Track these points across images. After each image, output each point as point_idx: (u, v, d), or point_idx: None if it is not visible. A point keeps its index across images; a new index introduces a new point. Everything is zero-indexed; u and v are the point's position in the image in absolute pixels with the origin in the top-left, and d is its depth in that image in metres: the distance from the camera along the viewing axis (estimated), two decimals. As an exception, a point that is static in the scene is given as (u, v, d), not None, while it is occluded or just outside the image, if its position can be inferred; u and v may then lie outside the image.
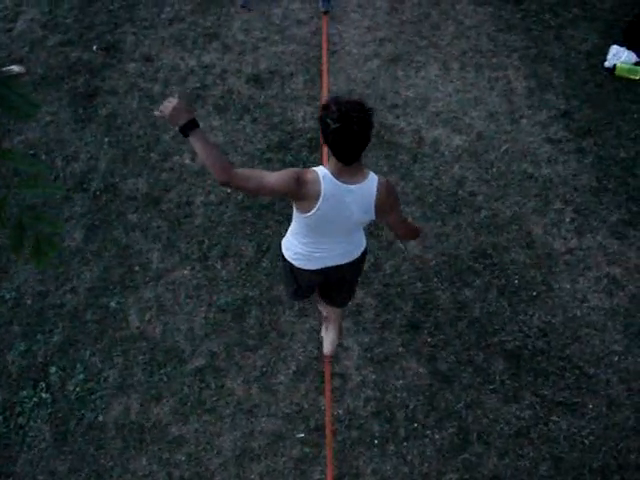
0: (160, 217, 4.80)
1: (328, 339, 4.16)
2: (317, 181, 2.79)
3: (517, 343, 4.22)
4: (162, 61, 5.69)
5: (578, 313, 4.34)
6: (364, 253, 3.35)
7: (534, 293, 4.43)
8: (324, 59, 5.55)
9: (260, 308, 4.37)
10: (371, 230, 4.67)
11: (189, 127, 2.67)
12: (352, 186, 2.83)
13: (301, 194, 2.80)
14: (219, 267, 4.56)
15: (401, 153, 5.09)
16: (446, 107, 5.35)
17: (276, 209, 4.76)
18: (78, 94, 5.47)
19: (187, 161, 5.07)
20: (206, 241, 4.68)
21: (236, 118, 5.31)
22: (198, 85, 5.50)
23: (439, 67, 5.62)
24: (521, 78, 5.55)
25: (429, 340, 4.24)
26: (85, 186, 4.94)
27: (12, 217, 1.77)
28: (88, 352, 4.21)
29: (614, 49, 5.60)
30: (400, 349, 4.21)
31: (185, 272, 4.55)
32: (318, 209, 2.84)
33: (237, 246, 4.65)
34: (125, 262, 4.59)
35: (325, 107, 2.70)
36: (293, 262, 3.27)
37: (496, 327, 4.29)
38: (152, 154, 5.12)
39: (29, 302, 4.42)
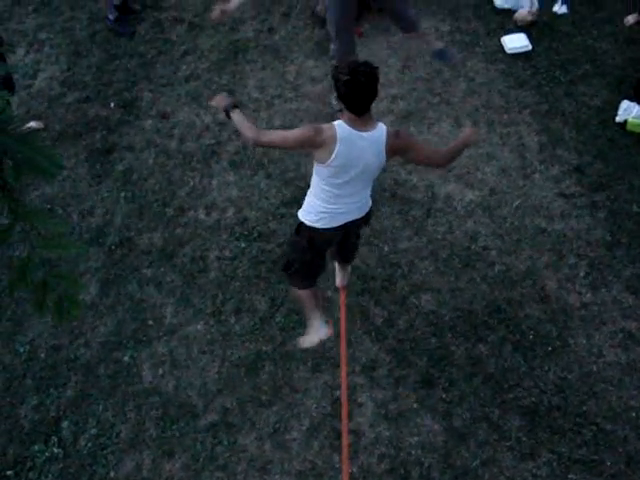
0: (174, 271, 4.83)
1: (339, 275, 4.53)
2: (333, 128, 3.25)
3: (533, 399, 4.18)
4: (178, 118, 5.78)
5: (594, 368, 4.29)
6: (371, 209, 3.79)
7: (549, 348, 4.39)
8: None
9: (273, 363, 4.35)
10: (385, 285, 4.67)
11: (230, 108, 3.45)
12: (364, 133, 3.27)
13: (320, 140, 3.24)
14: (233, 322, 4.56)
15: (414, 208, 5.11)
16: (458, 162, 5.39)
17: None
18: (95, 150, 5.56)
19: (202, 216, 5.12)
20: (220, 295, 4.69)
21: (251, 174, 5.37)
22: (213, 141, 5.58)
23: (451, 123, 5.67)
24: (533, 134, 5.59)
25: (444, 396, 4.20)
26: (100, 240, 4.99)
27: (35, 276, 1.80)
28: (101, 407, 4.20)
29: (625, 104, 5.65)
30: (415, 405, 4.17)
31: (199, 327, 4.55)
32: (337, 153, 3.24)
33: (251, 301, 4.66)
34: (139, 316, 4.60)
35: (337, 66, 3.27)
36: (316, 224, 3.62)
37: (511, 383, 4.24)
38: (167, 209, 5.17)
39: (42, 356, 4.43)
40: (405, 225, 5.03)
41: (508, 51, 6.25)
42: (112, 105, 5.90)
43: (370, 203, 3.73)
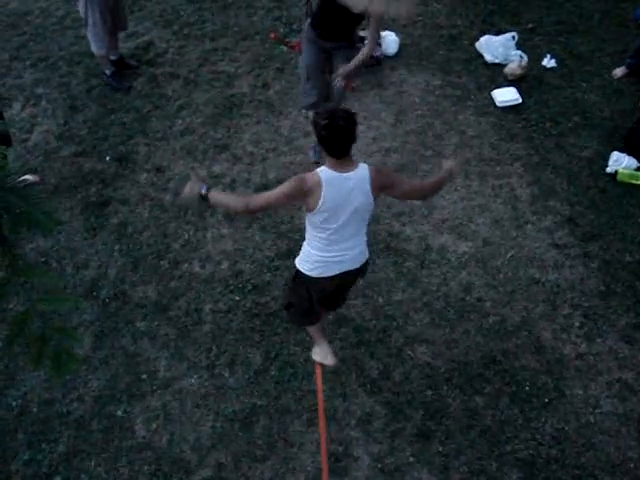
0: (168, 325, 4.81)
1: (327, 350, 4.34)
2: (316, 174, 3.36)
3: (530, 451, 4.14)
4: (173, 171, 5.82)
5: (591, 419, 4.26)
6: (367, 260, 3.83)
7: (546, 400, 4.37)
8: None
9: (268, 417, 4.31)
10: (380, 337, 4.66)
11: (205, 190, 3.44)
12: (348, 174, 3.37)
13: (307, 189, 3.33)
14: (227, 375, 4.53)
15: (408, 260, 5.13)
16: (452, 214, 5.43)
17: (284, 316, 4.77)
18: (90, 203, 5.58)
19: (196, 269, 5.12)
20: (214, 349, 4.67)
21: (245, 226, 5.39)
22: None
23: (444, 175, 5.72)
24: (525, 185, 5.65)
25: (440, 449, 4.16)
26: (94, 293, 4.98)
27: (33, 330, 1.80)
28: (93, 462, 4.14)
29: (615, 155, 5.72)
30: (411, 459, 4.12)
31: (192, 380, 4.51)
32: (324, 197, 3.33)
33: (245, 354, 4.63)
34: (132, 370, 4.56)
35: (316, 113, 3.38)
36: (311, 273, 3.68)
37: (508, 435, 4.21)
38: (162, 262, 5.17)
39: (35, 410, 4.38)
40: (399, 277, 5.04)
41: (499, 104, 6.35)
42: (108, 159, 5.95)
43: (366, 254, 3.78)
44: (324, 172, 3.36)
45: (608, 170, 5.71)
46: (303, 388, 4.43)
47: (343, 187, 3.36)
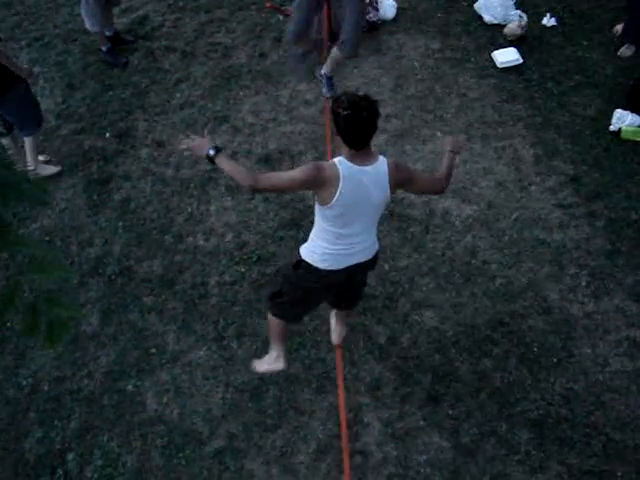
0: (175, 299, 4.82)
1: (337, 331, 4.32)
2: (334, 166, 3.15)
3: (540, 412, 4.15)
4: (173, 145, 5.79)
5: (600, 378, 4.27)
6: (378, 251, 3.61)
7: (554, 360, 4.37)
8: (327, 139, 5.63)
9: (277, 387, 4.33)
10: (386, 304, 4.66)
11: (214, 153, 3.25)
12: (366, 167, 3.18)
13: (322, 180, 3.13)
14: (235, 347, 4.55)
15: (412, 225, 5.11)
16: (455, 178, 5.37)
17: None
18: (92, 180, 5.57)
19: (201, 242, 5.12)
20: (221, 321, 4.68)
21: (248, 198, 5.38)
22: (209, 168, 5.57)
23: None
24: (528, 146, 5.60)
25: (450, 412, 4.18)
26: (100, 270, 4.98)
27: (26, 302, 1.80)
28: (106, 437, 4.17)
29: (618, 113, 5.67)
30: (421, 423, 4.14)
31: (201, 353, 4.53)
32: (340, 192, 3.13)
33: (253, 325, 4.64)
34: (141, 345, 4.58)
35: (336, 99, 3.15)
36: (319, 265, 3.44)
37: (518, 396, 4.22)
38: (166, 236, 5.17)
39: (46, 388, 4.41)
40: (404, 242, 5.02)
41: (499, 65, 6.29)
42: (107, 135, 5.92)
43: (377, 246, 3.58)
44: (343, 164, 3.15)
45: (611, 128, 5.66)
46: (312, 356, 4.44)
47: (361, 182, 3.17)
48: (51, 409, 4.32)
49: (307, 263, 3.47)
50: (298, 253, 3.54)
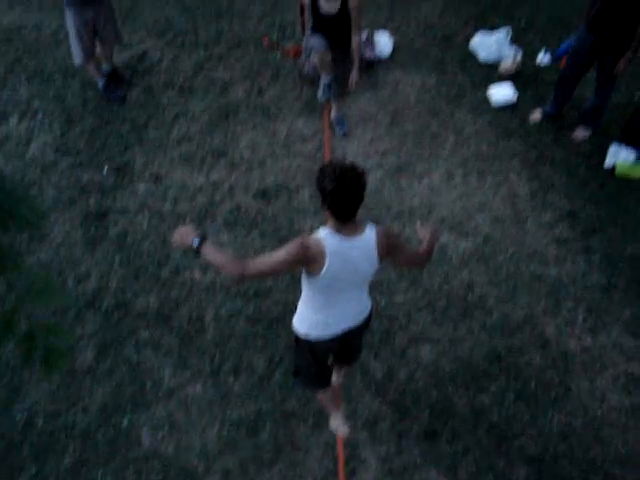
0: (171, 333, 4.80)
1: (341, 420, 4.10)
2: (320, 240, 3.04)
3: (538, 447, 4.13)
4: (171, 180, 5.82)
5: (599, 413, 4.25)
6: (371, 312, 3.54)
7: (552, 395, 4.36)
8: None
9: (274, 422, 4.30)
10: (383, 338, 4.65)
11: (197, 244, 3.10)
12: (353, 240, 3.08)
13: (309, 257, 3.02)
14: (231, 381, 4.52)
15: (406, 267, 5.11)
16: (451, 213, 5.43)
17: (287, 321, 4.74)
18: (89, 214, 5.57)
19: (197, 276, 5.11)
20: (218, 355, 4.65)
21: (245, 233, 5.39)
22: (206, 202, 5.61)
23: (442, 175, 5.73)
24: (523, 181, 5.64)
25: (448, 449, 4.15)
26: (96, 305, 4.96)
27: (23, 330, 1.80)
28: (100, 473, 4.12)
29: (613, 148, 5.72)
30: (419, 459, 4.11)
31: (197, 388, 4.50)
32: (328, 267, 3.03)
33: (249, 359, 4.62)
34: (137, 380, 4.55)
35: (322, 170, 3.02)
36: (311, 334, 3.38)
37: (516, 432, 4.20)
38: (162, 270, 5.17)
39: (40, 422, 4.36)
40: (401, 277, 5.02)
41: (494, 102, 6.35)
42: (105, 170, 5.94)
43: (370, 306, 3.52)
44: (328, 238, 3.05)
45: (606, 163, 5.71)
46: (307, 393, 4.41)
47: (348, 256, 3.08)
48: (45, 444, 4.27)
49: (301, 334, 3.44)
50: (292, 327, 3.51)
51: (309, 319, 3.38)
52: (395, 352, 4.60)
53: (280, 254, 3.04)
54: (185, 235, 3.17)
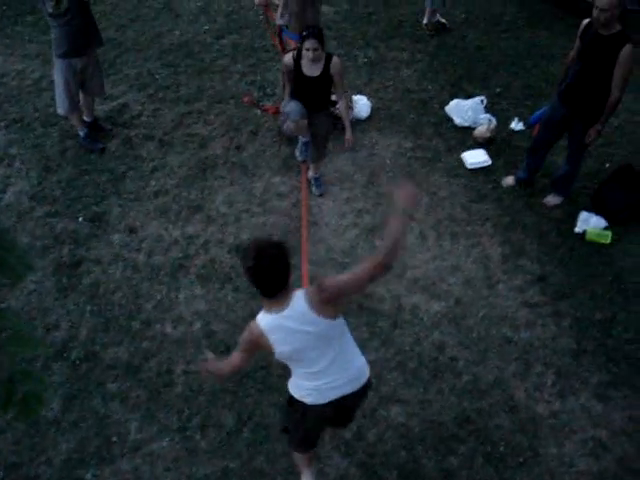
0: (140, 386, 4.75)
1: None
2: (256, 325, 3.15)
3: (506, 513, 4.10)
4: (146, 232, 5.83)
5: (566, 479, 4.24)
6: (369, 379, 3.50)
7: (521, 459, 4.35)
8: (304, 231, 5.72)
9: (241, 480, 4.24)
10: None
11: None
12: (284, 312, 3.09)
13: (261, 344, 3.17)
14: (199, 437, 4.47)
15: (381, 320, 5.14)
16: (424, 274, 5.48)
17: (257, 377, 4.73)
18: (62, 263, 5.55)
19: (168, 330, 5.09)
20: (186, 410, 4.61)
21: (218, 287, 5.39)
22: (181, 255, 5.61)
23: (416, 236, 5.79)
24: (496, 245, 5.72)
25: (415, 511, 4.11)
26: (65, 355, 4.91)
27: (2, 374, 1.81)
28: (60, 529, 4.03)
29: (583, 215, 5.83)
30: (386, 521, 4.06)
31: (164, 443, 4.44)
32: (275, 344, 3.13)
33: (217, 416, 4.58)
34: (103, 432, 4.49)
35: (244, 249, 3.14)
36: (305, 400, 3.37)
37: (484, 496, 4.17)
38: (133, 323, 5.14)
39: (1, 474, 4.26)
40: (372, 337, 5.04)
41: (469, 166, 6.48)
42: (81, 219, 5.94)
43: (366, 373, 3.48)
44: (263, 319, 3.13)
45: (577, 230, 5.81)
46: (276, 450, 4.37)
47: (287, 328, 3.10)
48: (5, 498, 4.18)
49: (296, 399, 3.46)
50: (287, 389, 3.55)
51: (302, 387, 3.40)
52: (365, 412, 4.57)
53: (240, 345, 3.31)
54: (218, 373, 3.49)
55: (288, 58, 5.55)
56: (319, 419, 3.57)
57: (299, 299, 3.11)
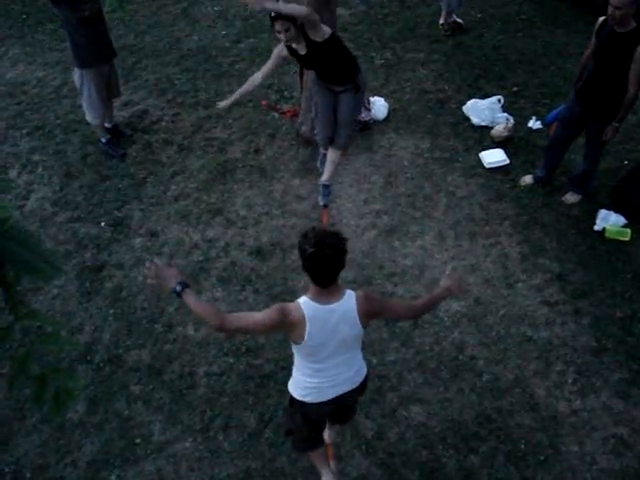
0: (163, 388, 4.80)
1: (330, 431, 4.20)
2: (299, 309, 3.11)
3: (527, 511, 4.11)
4: (167, 236, 5.89)
5: (588, 476, 4.24)
6: (366, 376, 3.59)
7: (542, 457, 4.35)
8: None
9: (263, 480, 4.29)
10: (374, 398, 4.66)
11: (179, 291, 3.17)
12: (332, 305, 3.13)
13: (288, 323, 3.11)
14: (221, 438, 4.51)
15: (401, 320, 5.16)
16: (443, 274, 5.47)
17: (278, 378, 4.77)
18: (85, 268, 5.63)
19: (190, 332, 5.14)
20: (208, 412, 4.66)
21: (238, 289, 5.44)
22: (202, 258, 5.67)
23: (434, 236, 5.81)
24: (514, 244, 5.73)
25: (437, 510, 4.13)
26: (89, 358, 4.98)
27: (34, 369, 1.87)
28: (86, 530, 4.09)
29: (602, 213, 5.82)
30: (407, 520, 4.09)
31: (187, 444, 4.49)
32: (309, 333, 3.10)
33: (239, 417, 4.62)
34: (127, 434, 4.54)
35: (304, 235, 3.11)
36: (304, 399, 3.42)
37: (505, 494, 4.18)
38: (156, 325, 5.20)
39: (28, 475, 4.34)
40: (392, 337, 5.06)
41: (487, 166, 6.48)
42: (103, 224, 6.02)
43: (364, 371, 3.57)
44: (307, 305, 3.13)
45: (596, 227, 5.80)
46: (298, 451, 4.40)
47: (328, 322, 3.14)
48: (32, 499, 4.25)
49: (295, 399, 3.51)
50: (288, 390, 3.59)
51: (302, 385, 3.43)
52: (385, 412, 4.61)
53: (259, 316, 3.14)
54: (168, 276, 3.22)
55: (281, 47, 5.36)
56: (319, 417, 3.65)
57: (351, 297, 3.19)
